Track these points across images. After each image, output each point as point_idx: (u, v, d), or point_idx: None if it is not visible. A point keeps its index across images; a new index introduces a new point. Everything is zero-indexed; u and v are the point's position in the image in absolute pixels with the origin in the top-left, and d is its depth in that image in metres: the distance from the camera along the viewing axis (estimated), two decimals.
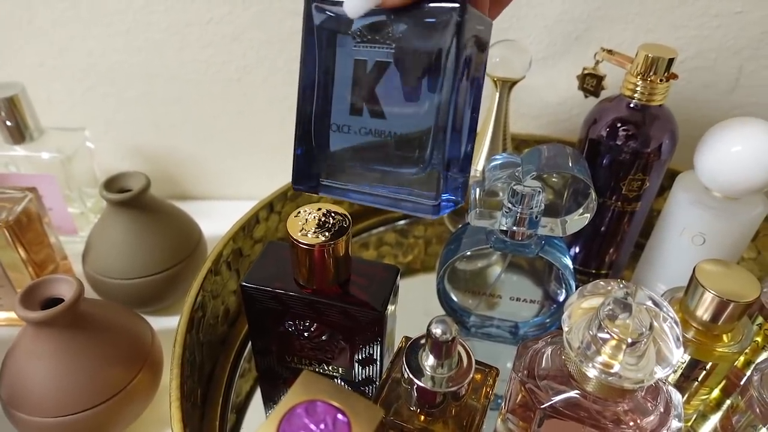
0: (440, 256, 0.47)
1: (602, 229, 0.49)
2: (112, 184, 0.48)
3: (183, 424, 0.31)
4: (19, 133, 0.53)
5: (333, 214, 0.36)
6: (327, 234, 0.35)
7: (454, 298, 0.49)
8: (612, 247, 0.51)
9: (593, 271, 0.52)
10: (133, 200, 0.47)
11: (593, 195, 0.40)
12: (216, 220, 0.57)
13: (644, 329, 0.29)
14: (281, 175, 0.51)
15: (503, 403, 0.38)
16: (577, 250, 0.53)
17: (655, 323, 0.30)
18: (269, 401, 0.46)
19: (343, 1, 0.26)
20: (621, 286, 0.31)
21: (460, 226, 0.53)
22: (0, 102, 0.50)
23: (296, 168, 0.31)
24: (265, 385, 0.46)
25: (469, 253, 0.44)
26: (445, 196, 0.28)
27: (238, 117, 0.64)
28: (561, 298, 0.47)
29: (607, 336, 0.29)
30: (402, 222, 0.64)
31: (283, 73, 0.61)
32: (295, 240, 0.35)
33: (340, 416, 0.25)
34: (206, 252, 0.54)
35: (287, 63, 0.60)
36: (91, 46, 0.59)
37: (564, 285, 0.44)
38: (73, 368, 0.37)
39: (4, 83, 0.52)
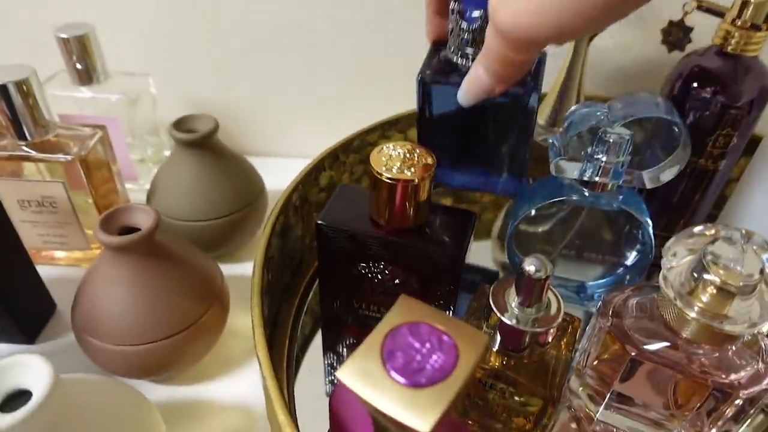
0: (509, 212, 0.46)
1: (679, 189, 0.47)
2: (180, 124, 0.48)
3: (268, 349, 0.30)
4: (87, 75, 0.53)
5: (417, 151, 0.35)
6: (412, 170, 0.34)
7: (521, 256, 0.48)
8: (687, 214, 0.49)
9: (665, 235, 0.51)
10: (202, 141, 0.47)
11: (685, 139, 0.38)
12: (273, 176, 0.57)
13: (755, 273, 0.27)
14: (338, 133, 0.51)
15: (580, 358, 0.37)
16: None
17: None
18: (329, 350, 0.46)
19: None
20: (730, 228, 0.29)
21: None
22: (71, 41, 0.50)
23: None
24: (328, 333, 0.45)
25: (539, 207, 0.42)
26: None
27: (299, 71, 0.63)
28: (631, 258, 0.46)
29: (713, 278, 0.28)
30: None
31: (348, 26, 0.60)
32: (378, 174, 0.34)
33: (445, 338, 0.24)
34: (267, 202, 0.54)
35: (354, 15, 0.59)
36: None
37: (640, 241, 0.43)
38: (148, 297, 0.37)
39: (75, 23, 0.52)
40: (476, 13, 0.35)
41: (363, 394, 0.23)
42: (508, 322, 0.31)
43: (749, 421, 0.32)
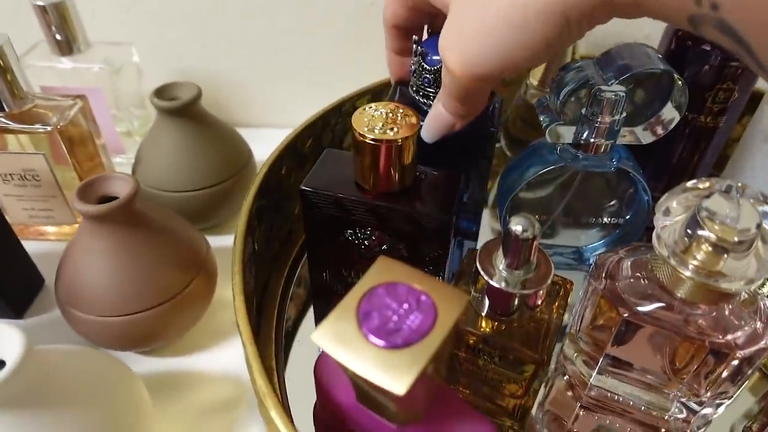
0: (499, 187, 0.45)
1: (678, 150, 0.46)
2: (162, 93, 0.47)
3: (251, 317, 0.30)
4: (67, 45, 0.52)
5: (401, 110, 0.34)
6: (395, 130, 0.33)
7: None
8: (686, 175, 0.48)
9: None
10: (184, 109, 0.46)
11: (681, 86, 0.36)
12: (263, 147, 0.55)
13: (752, 227, 0.26)
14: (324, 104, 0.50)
15: (573, 323, 0.36)
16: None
17: (764, 222, 0.27)
18: (321, 320, 0.45)
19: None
20: (724, 180, 0.28)
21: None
22: (49, 9, 0.49)
23: None
24: (319, 303, 0.45)
25: (540, 173, 0.41)
26: None
27: (288, 40, 0.62)
28: (628, 218, 0.45)
29: (708, 234, 0.27)
30: None
31: None
32: (361, 136, 0.33)
33: (423, 298, 0.23)
34: (256, 171, 0.52)
35: None
36: None
37: (637, 200, 0.42)
38: (129, 267, 0.36)
39: None
40: (437, 56, 0.36)
41: (338, 356, 0.22)
42: (496, 285, 0.30)
43: (746, 382, 0.31)
